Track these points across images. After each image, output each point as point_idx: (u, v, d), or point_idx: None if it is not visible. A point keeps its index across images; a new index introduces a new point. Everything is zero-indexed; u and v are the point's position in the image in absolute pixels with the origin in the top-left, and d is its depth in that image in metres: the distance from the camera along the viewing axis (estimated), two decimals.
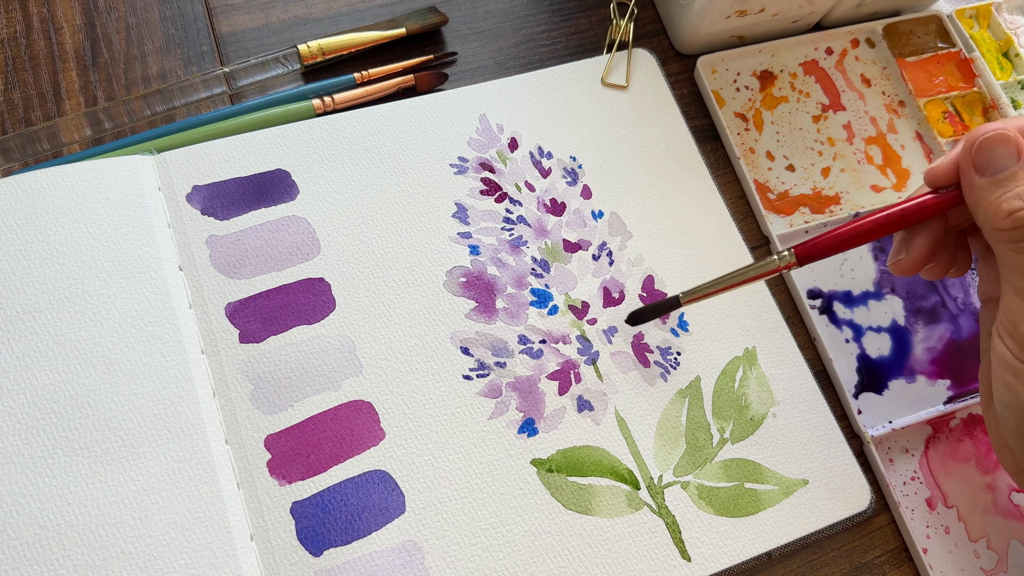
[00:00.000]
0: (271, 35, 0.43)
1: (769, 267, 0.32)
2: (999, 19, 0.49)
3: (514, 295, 0.38)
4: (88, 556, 0.30)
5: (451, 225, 0.38)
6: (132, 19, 0.42)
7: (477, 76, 0.43)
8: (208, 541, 0.31)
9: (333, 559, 0.31)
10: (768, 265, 0.32)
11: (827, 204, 0.43)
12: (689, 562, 0.34)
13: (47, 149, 0.38)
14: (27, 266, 0.34)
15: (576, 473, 0.35)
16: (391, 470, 0.33)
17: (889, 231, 0.31)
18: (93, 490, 0.31)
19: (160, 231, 0.36)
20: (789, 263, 0.31)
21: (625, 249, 0.40)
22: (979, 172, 0.28)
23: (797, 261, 0.31)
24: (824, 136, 0.45)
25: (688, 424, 0.37)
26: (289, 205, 0.38)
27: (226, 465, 0.32)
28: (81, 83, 0.40)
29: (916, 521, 0.37)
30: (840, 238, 0.31)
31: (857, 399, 0.39)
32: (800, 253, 0.31)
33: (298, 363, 0.35)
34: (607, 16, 0.46)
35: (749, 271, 0.33)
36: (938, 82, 0.47)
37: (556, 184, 0.40)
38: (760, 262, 0.32)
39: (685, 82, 0.45)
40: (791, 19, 0.45)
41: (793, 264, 0.31)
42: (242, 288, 0.36)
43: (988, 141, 0.28)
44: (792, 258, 0.31)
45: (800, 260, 0.31)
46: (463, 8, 0.45)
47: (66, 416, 0.32)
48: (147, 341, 0.33)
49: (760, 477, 0.36)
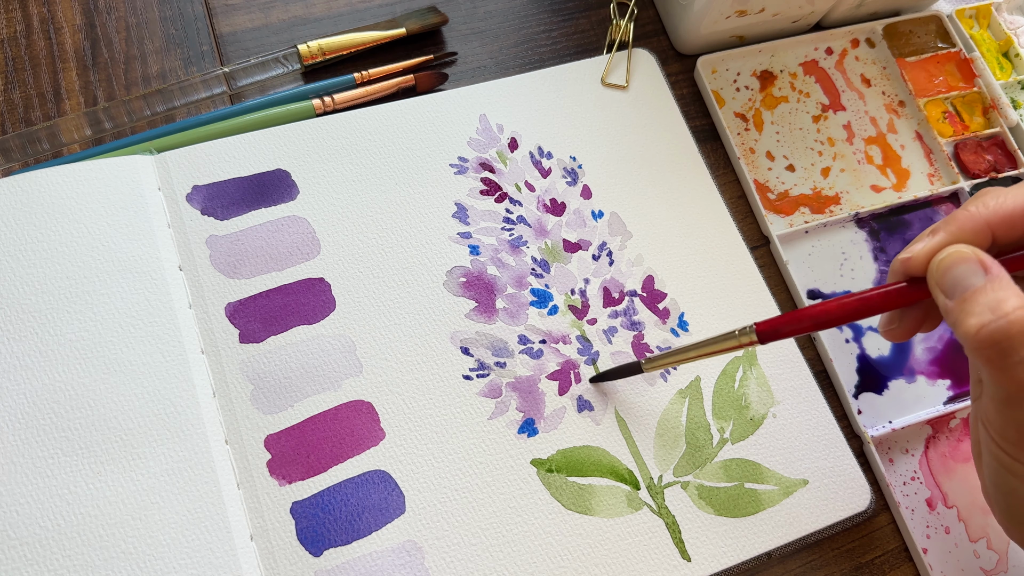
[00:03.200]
0: (271, 35, 0.43)
1: (730, 343, 0.31)
2: (999, 19, 0.49)
3: (514, 295, 0.38)
4: (88, 556, 0.30)
5: (451, 225, 0.38)
6: (132, 19, 0.42)
7: (477, 76, 0.43)
8: (208, 541, 0.31)
9: (333, 559, 0.31)
10: (729, 341, 0.31)
11: (827, 204, 0.43)
12: (689, 562, 0.34)
13: (47, 149, 0.38)
14: (27, 266, 0.34)
15: (576, 473, 0.35)
16: (391, 470, 0.33)
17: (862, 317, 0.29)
18: (93, 490, 0.31)
19: (160, 231, 0.36)
20: (751, 340, 0.30)
21: (625, 249, 0.40)
22: (947, 296, 0.27)
23: (759, 339, 0.30)
24: (824, 136, 0.45)
25: (688, 424, 0.37)
26: (289, 205, 0.38)
27: (226, 465, 0.32)
28: (81, 83, 0.40)
29: (916, 521, 0.37)
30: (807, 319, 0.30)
31: (857, 399, 0.39)
32: (761, 330, 0.30)
33: (298, 363, 0.35)
34: (607, 16, 0.46)
35: (711, 345, 0.32)
36: (938, 82, 0.47)
37: (556, 184, 0.40)
38: (722, 335, 0.31)
39: (685, 82, 0.45)
40: (791, 19, 0.45)
41: (755, 342, 0.30)
42: (242, 288, 0.36)
43: (947, 264, 0.27)
44: (753, 335, 0.30)
45: (761, 338, 0.30)
46: (463, 8, 0.45)
47: (66, 416, 0.32)
48: (147, 341, 0.33)
49: (760, 477, 0.36)
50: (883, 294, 0.29)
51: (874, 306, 0.29)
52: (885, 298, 0.29)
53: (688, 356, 0.33)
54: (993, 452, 0.29)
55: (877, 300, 0.29)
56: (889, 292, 0.29)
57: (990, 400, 0.28)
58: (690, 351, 0.32)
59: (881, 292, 0.29)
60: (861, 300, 0.29)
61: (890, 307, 0.29)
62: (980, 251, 0.27)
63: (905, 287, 0.29)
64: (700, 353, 0.32)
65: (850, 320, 0.29)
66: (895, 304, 0.29)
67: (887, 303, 0.29)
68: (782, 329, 0.30)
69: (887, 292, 0.29)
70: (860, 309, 0.29)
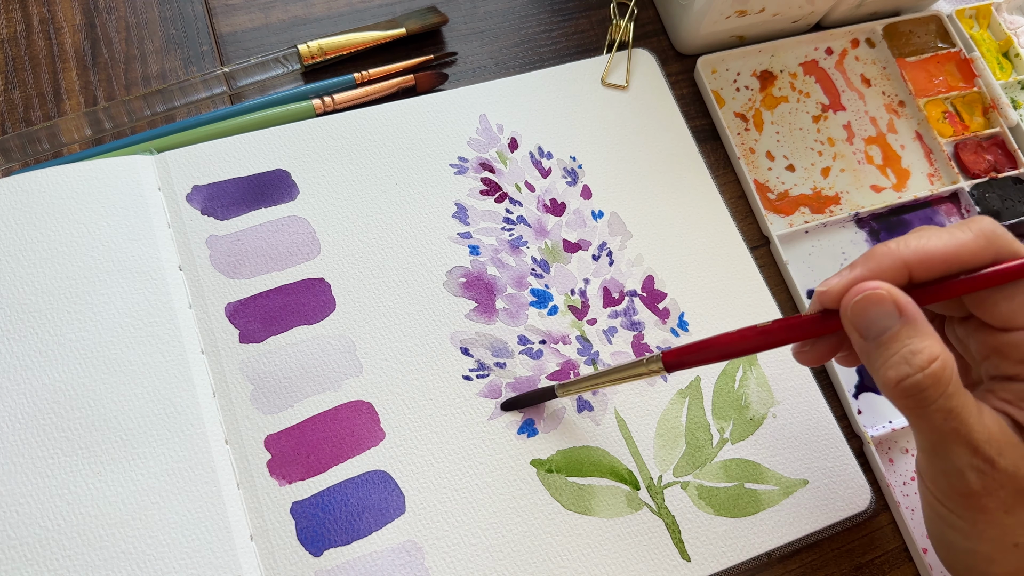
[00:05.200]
0: (271, 35, 0.43)
1: (639, 370, 0.31)
2: (999, 19, 0.49)
3: (514, 295, 0.38)
4: (88, 556, 0.30)
5: (451, 225, 0.38)
6: (132, 19, 0.42)
7: (477, 76, 0.43)
8: (208, 541, 0.31)
9: (333, 559, 0.31)
10: (637, 368, 0.31)
11: (827, 204, 0.43)
12: (689, 562, 0.34)
13: (47, 149, 0.38)
14: (27, 266, 0.34)
15: (576, 473, 0.35)
16: (391, 470, 0.33)
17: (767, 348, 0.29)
18: (93, 490, 0.31)
19: (160, 231, 0.36)
20: (658, 368, 0.30)
21: (625, 249, 0.40)
22: (861, 336, 0.27)
23: (665, 368, 0.30)
24: (824, 136, 0.45)
25: (688, 424, 0.37)
26: (289, 205, 0.38)
27: (226, 465, 0.32)
28: (81, 83, 0.40)
29: (916, 521, 0.37)
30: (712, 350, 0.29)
31: (857, 399, 0.39)
32: (667, 360, 0.29)
33: (298, 363, 0.35)
34: (607, 16, 0.46)
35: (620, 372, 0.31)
36: (938, 82, 0.47)
37: (556, 184, 0.40)
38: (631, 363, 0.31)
39: (685, 82, 0.45)
40: (791, 19, 0.45)
41: (661, 371, 0.30)
42: (242, 288, 0.36)
43: (862, 305, 0.26)
44: (660, 364, 0.30)
45: (667, 367, 0.30)
46: (463, 8, 0.45)
47: (66, 416, 0.32)
48: (147, 341, 0.33)
49: (760, 477, 0.36)
50: (786, 326, 0.28)
51: (778, 338, 0.28)
52: (789, 330, 0.28)
53: (600, 382, 0.32)
54: (930, 503, 0.29)
55: (781, 332, 0.28)
56: (791, 324, 0.28)
57: (919, 450, 0.28)
58: (602, 377, 0.32)
59: (784, 324, 0.28)
60: (762, 332, 0.28)
61: (796, 339, 0.29)
62: (896, 291, 0.26)
63: (815, 318, 0.28)
64: (611, 379, 0.32)
65: (755, 352, 0.29)
66: (802, 335, 0.29)
67: (792, 335, 0.28)
68: (687, 359, 0.29)
69: (789, 324, 0.28)
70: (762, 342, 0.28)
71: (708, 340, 0.29)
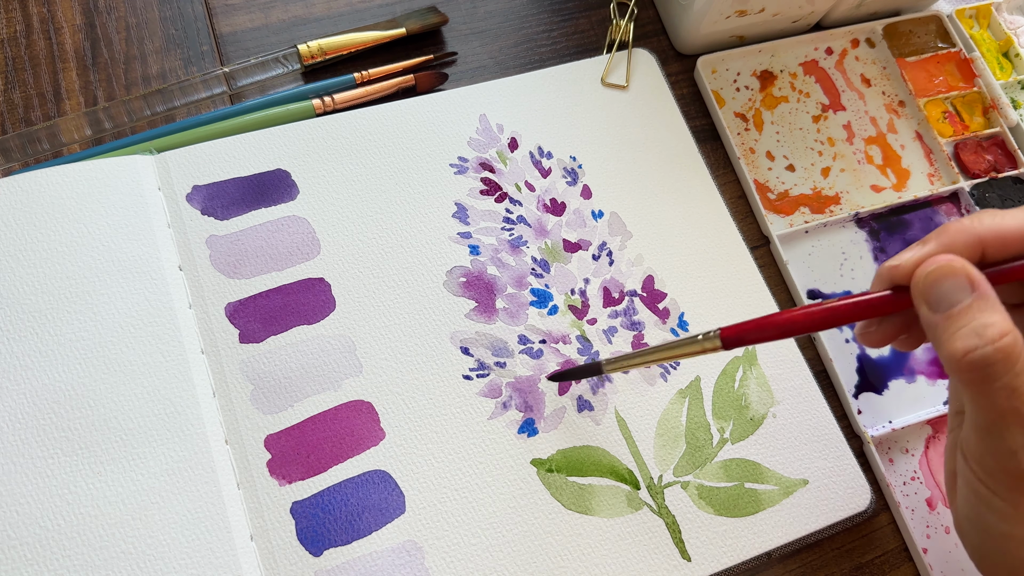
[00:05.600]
0: (271, 35, 0.43)
1: (693, 348, 0.30)
2: (999, 19, 0.49)
3: (514, 295, 0.38)
4: (88, 556, 0.30)
5: (451, 225, 0.38)
6: (132, 19, 0.42)
7: (477, 76, 0.43)
8: (208, 541, 0.31)
9: (333, 559, 0.31)
10: (692, 345, 0.30)
11: (827, 204, 0.43)
12: (689, 562, 0.34)
13: (47, 149, 0.38)
14: (27, 266, 0.34)
15: (576, 473, 0.35)
16: (391, 470, 0.33)
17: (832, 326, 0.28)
18: (93, 490, 0.31)
19: (160, 231, 0.36)
20: (715, 346, 0.29)
21: (625, 249, 0.40)
22: (931, 309, 0.26)
23: (723, 345, 0.29)
24: (824, 136, 0.45)
25: (688, 424, 0.37)
26: (289, 205, 0.38)
27: (226, 465, 0.32)
28: (81, 83, 0.40)
29: (916, 521, 0.37)
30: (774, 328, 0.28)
31: (857, 399, 0.39)
32: (726, 336, 0.29)
33: (298, 363, 0.35)
34: (607, 16, 0.46)
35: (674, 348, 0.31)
36: (938, 82, 0.47)
37: (556, 184, 0.40)
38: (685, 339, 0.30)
39: (685, 82, 0.45)
40: (791, 19, 0.45)
41: (719, 347, 0.29)
42: (242, 288, 0.36)
43: (934, 277, 0.26)
44: (718, 341, 0.29)
45: (726, 344, 0.29)
46: (463, 8, 0.45)
47: (66, 416, 0.32)
48: (147, 341, 0.33)
49: (760, 477, 0.36)
50: (853, 304, 0.28)
51: (844, 316, 0.28)
52: (856, 308, 0.28)
53: (650, 359, 0.32)
54: (970, 482, 0.28)
55: (846, 309, 0.28)
56: (858, 303, 0.28)
57: (971, 427, 0.27)
58: (652, 353, 0.31)
59: (850, 303, 0.28)
60: (829, 309, 0.28)
61: (862, 317, 0.28)
62: (969, 265, 0.26)
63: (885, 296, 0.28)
64: (663, 356, 0.31)
65: (817, 330, 0.28)
66: (870, 314, 0.28)
67: (859, 312, 0.28)
68: (747, 336, 0.29)
69: (856, 303, 0.28)
70: (827, 319, 0.28)
71: (770, 317, 0.28)
